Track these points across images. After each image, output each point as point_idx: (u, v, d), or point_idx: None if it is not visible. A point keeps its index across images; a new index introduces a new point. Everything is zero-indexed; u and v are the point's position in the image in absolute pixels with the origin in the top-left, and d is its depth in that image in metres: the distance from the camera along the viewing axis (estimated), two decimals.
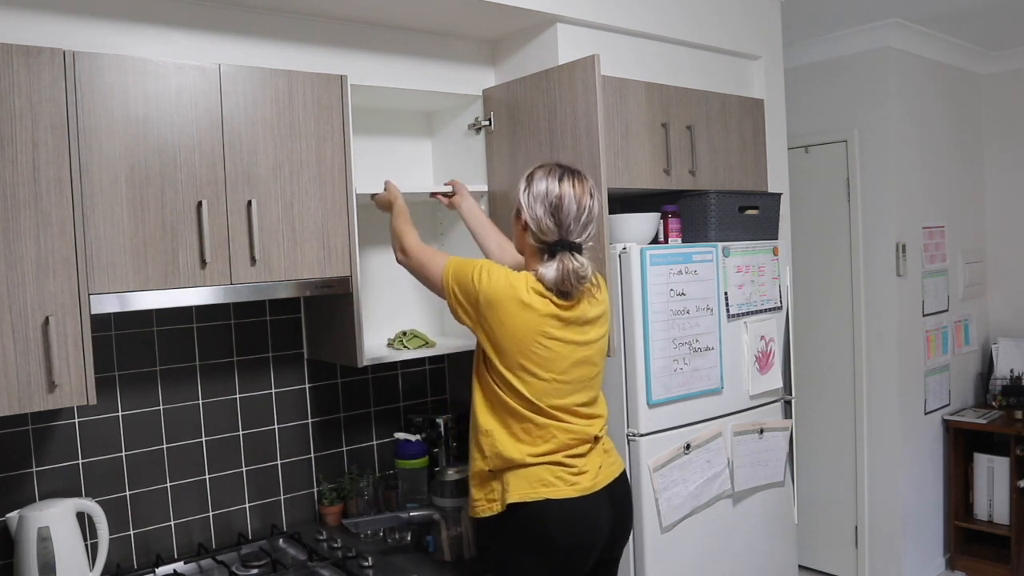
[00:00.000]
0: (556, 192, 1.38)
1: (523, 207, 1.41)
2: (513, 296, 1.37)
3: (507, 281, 1.38)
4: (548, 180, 1.40)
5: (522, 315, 1.37)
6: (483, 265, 1.41)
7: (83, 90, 1.34)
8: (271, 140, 1.54)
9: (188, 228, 1.44)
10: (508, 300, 1.37)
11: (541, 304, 1.38)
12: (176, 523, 1.72)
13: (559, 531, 1.37)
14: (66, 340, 1.31)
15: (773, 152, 2.31)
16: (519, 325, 1.37)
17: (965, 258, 3.21)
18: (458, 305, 1.43)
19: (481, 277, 1.39)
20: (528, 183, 1.43)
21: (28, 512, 1.44)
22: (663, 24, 2.05)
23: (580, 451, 1.43)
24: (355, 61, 1.80)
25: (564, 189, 1.38)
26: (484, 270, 1.40)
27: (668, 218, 1.96)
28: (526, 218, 1.41)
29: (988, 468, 2.97)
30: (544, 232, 1.39)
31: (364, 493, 1.90)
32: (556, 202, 1.37)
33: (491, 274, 1.39)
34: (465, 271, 1.41)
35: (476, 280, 1.39)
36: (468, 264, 1.43)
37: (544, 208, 1.38)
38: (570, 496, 1.39)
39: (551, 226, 1.38)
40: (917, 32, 2.87)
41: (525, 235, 1.43)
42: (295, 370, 1.90)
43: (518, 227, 1.46)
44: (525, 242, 1.45)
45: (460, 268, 1.43)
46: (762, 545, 2.04)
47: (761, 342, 2.03)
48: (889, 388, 2.88)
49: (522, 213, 1.42)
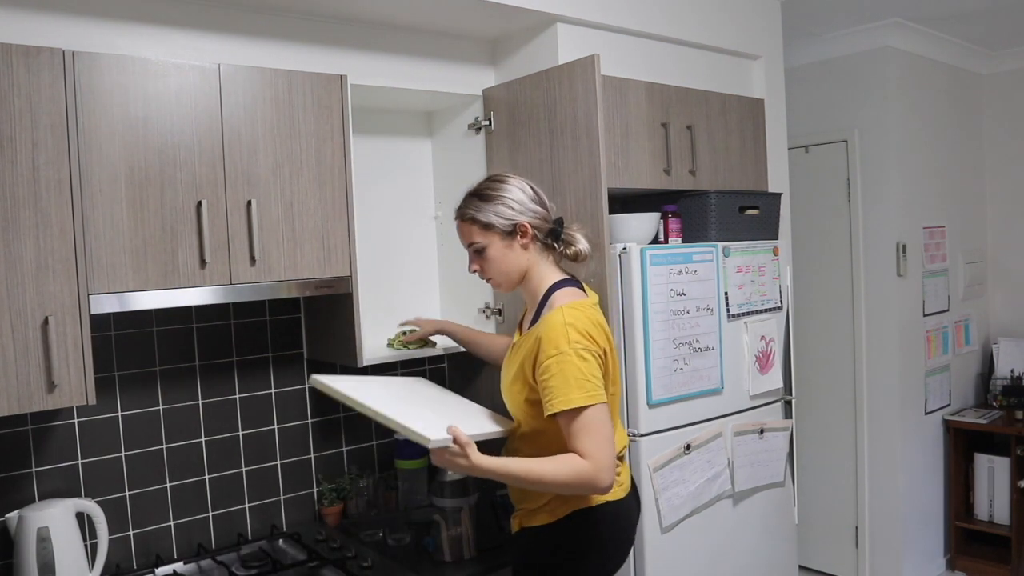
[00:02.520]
0: (526, 186, 1.42)
1: (518, 217, 1.38)
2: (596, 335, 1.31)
3: (587, 331, 1.29)
4: (512, 184, 1.41)
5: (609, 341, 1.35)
6: (573, 352, 1.25)
7: (83, 90, 1.34)
8: (271, 140, 1.54)
9: (188, 228, 1.44)
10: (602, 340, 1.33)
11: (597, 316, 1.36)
12: (176, 523, 1.71)
13: (618, 532, 1.39)
14: (65, 340, 1.31)
15: (773, 152, 2.30)
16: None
17: (965, 258, 3.21)
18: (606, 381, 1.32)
19: (587, 356, 1.26)
20: (497, 201, 1.38)
21: (27, 512, 1.44)
22: (663, 24, 2.05)
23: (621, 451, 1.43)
24: (355, 61, 1.80)
25: (524, 182, 1.44)
26: (581, 351, 1.25)
27: (668, 218, 1.96)
28: (527, 221, 1.39)
29: (988, 468, 2.97)
30: (546, 219, 1.42)
31: (364, 493, 1.90)
32: (533, 194, 1.42)
33: (584, 351, 1.26)
34: (587, 377, 1.25)
35: (592, 362, 1.27)
36: (589, 369, 1.26)
37: (533, 200, 1.41)
38: (621, 497, 1.40)
39: (545, 211, 1.43)
40: (918, 32, 2.87)
41: (532, 244, 1.40)
42: (295, 370, 1.90)
43: (515, 247, 1.39)
44: (530, 255, 1.40)
45: (593, 377, 1.26)
46: (762, 545, 2.04)
47: (761, 342, 2.03)
48: (889, 388, 2.87)
49: (522, 223, 1.38)
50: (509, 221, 1.38)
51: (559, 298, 1.36)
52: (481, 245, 1.41)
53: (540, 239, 1.41)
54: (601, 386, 1.27)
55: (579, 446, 1.24)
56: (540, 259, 1.42)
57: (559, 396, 1.24)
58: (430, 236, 2.13)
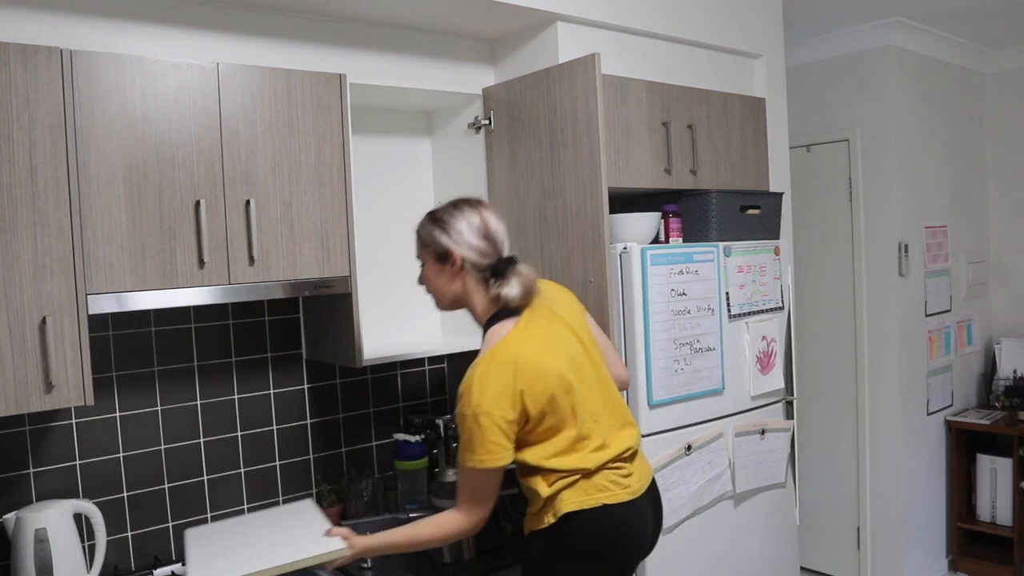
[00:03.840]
0: (478, 219, 1.38)
1: (451, 246, 1.38)
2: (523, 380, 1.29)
3: (502, 384, 1.28)
4: (464, 213, 1.39)
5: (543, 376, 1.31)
6: (477, 414, 1.28)
7: (80, 89, 1.33)
8: (270, 139, 1.53)
9: (186, 228, 1.44)
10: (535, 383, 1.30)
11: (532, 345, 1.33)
12: (174, 524, 1.71)
13: (616, 536, 1.36)
14: (63, 340, 1.31)
15: (774, 151, 2.30)
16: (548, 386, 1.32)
17: (968, 258, 3.20)
18: (514, 439, 1.32)
19: (492, 414, 1.27)
20: (442, 225, 1.39)
21: (25, 513, 1.43)
22: (664, 23, 2.04)
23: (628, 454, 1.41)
24: (354, 60, 1.80)
25: (483, 214, 1.39)
26: (482, 412, 1.27)
27: (669, 218, 1.95)
28: (461, 254, 1.37)
29: (991, 469, 2.96)
30: (485, 255, 1.38)
31: (363, 494, 1.89)
32: (483, 226, 1.38)
33: (492, 399, 1.27)
34: (480, 442, 1.28)
35: (497, 422, 1.28)
36: (482, 435, 1.29)
37: (475, 234, 1.37)
38: (624, 500, 1.37)
39: (489, 249, 1.38)
40: (920, 31, 2.86)
41: (462, 275, 1.39)
42: (294, 370, 1.89)
43: (447, 273, 1.40)
44: (463, 283, 1.40)
45: (489, 443, 1.29)
46: (764, 547, 2.03)
47: (762, 342, 2.02)
48: (891, 389, 2.86)
49: (453, 253, 1.38)
50: (443, 247, 1.39)
51: (488, 340, 1.38)
52: (421, 261, 1.46)
53: (476, 272, 1.39)
54: (496, 450, 1.30)
55: (460, 496, 1.36)
56: (476, 290, 1.40)
57: (458, 453, 1.34)
58: None
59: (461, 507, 1.35)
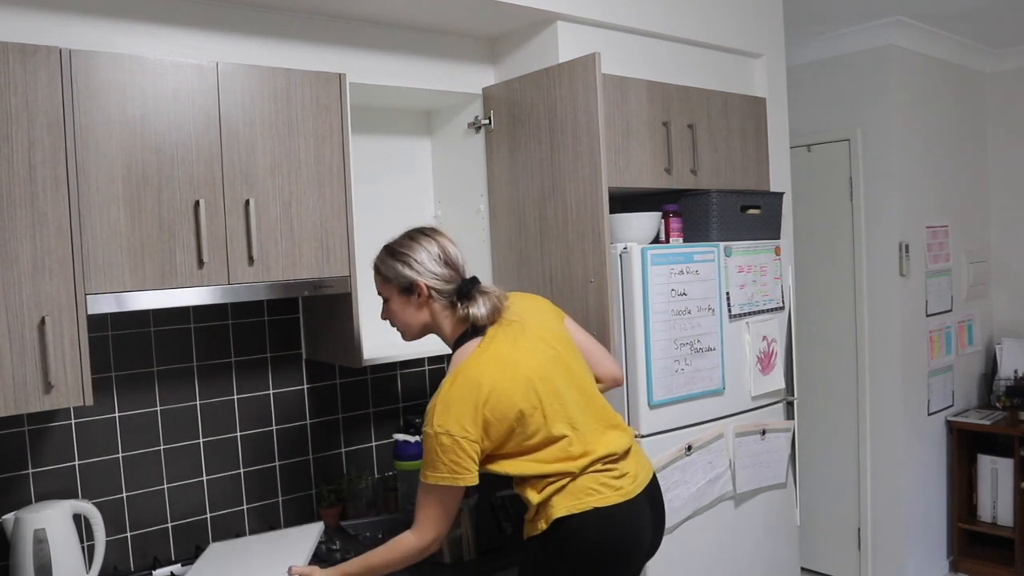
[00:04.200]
0: (436, 247, 1.43)
1: (415, 276, 1.41)
2: (487, 395, 1.30)
3: (465, 400, 1.29)
4: (421, 243, 1.43)
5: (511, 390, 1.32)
6: (443, 433, 1.29)
7: (79, 88, 1.33)
8: (269, 139, 1.53)
9: (185, 228, 1.43)
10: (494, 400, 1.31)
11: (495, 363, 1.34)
12: (173, 525, 1.71)
13: (609, 540, 1.35)
14: (62, 341, 1.31)
15: (775, 151, 2.29)
16: (515, 400, 1.32)
17: (969, 258, 3.19)
18: (480, 460, 1.33)
19: (457, 436, 1.28)
20: (402, 258, 1.42)
21: (24, 514, 1.43)
22: (664, 22, 2.04)
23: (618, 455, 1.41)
24: (354, 59, 1.79)
25: (439, 241, 1.44)
26: (448, 434, 1.28)
27: (669, 217, 1.95)
28: (426, 282, 1.41)
29: (992, 469, 2.96)
30: (448, 281, 1.42)
31: (363, 495, 1.89)
32: (441, 253, 1.42)
33: (454, 418, 1.29)
34: (440, 460, 1.29)
35: (460, 441, 1.29)
36: (443, 455, 1.29)
37: (436, 262, 1.41)
38: (616, 502, 1.36)
39: (451, 274, 1.42)
40: (921, 30, 2.86)
41: (429, 303, 1.42)
42: (293, 371, 1.89)
43: (414, 303, 1.42)
44: (431, 311, 1.43)
45: (451, 463, 1.29)
46: (764, 547, 2.03)
47: (763, 342, 2.01)
48: (892, 389, 2.86)
49: (418, 283, 1.41)
50: (407, 279, 1.42)
51: (453, 362, 1.40)
52: (384, 296, 1.48)
53: (442, 298, 1.42)
54: (457, 470, 1.30)
55: (417, 515, 1.36)
56: (442, 315, 1.43)
57: (423, 469, 1.34)
58: None
59: (415, 527, 1.35)
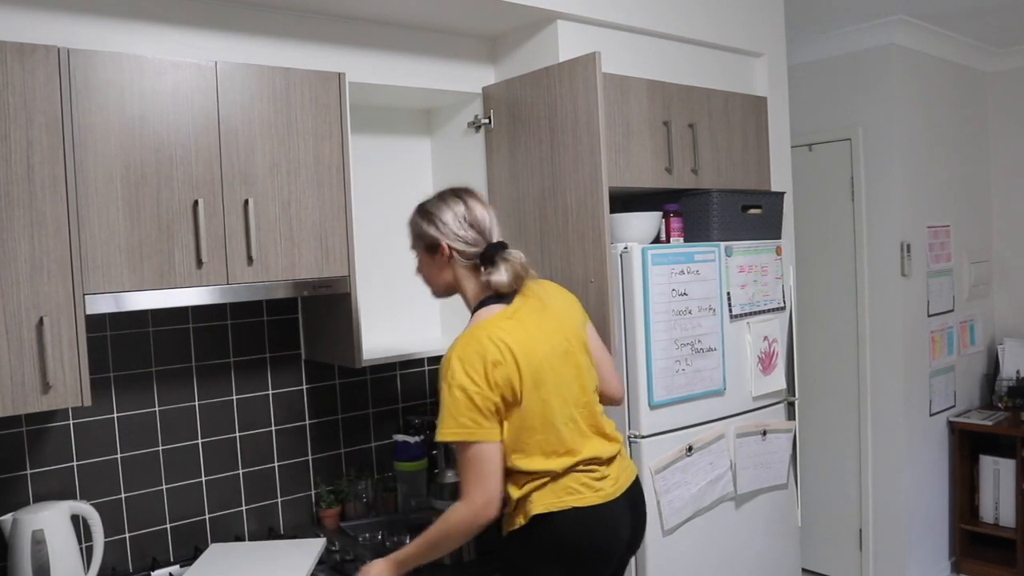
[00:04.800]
0: (463, 209, 1.41)
1: (439, 237, 1.41)
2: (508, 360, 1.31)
3: (483, 360, 1.29)
4: (449, 203, 1.42)
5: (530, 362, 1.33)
6: (460, 387, 1.28)
7: (78, 88, 1.32)
8: (268, 139, 1.53)
9: (184, 228, 1.43)
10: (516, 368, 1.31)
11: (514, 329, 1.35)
12: (172, 526, 1.70)
13: (586, 539, 1.36)
14: (60, 341, 1.30)
15: (776, 150, 2.29)
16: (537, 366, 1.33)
17: (970, 258, 3.19)
18: (504, 412, 1.33)
19: (476, 385, 1.28)
20: (429, 217, 1.42)
21: (22, 515, 1.42)
22: (665, 21, 2.03)
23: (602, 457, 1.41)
24: (353, 59, 1.79)
25: (468, 202, 1.42)
26: (465, 389, 1.28)
27: (670, 217, 1.94)
28: (448, 243, 1.40)
29: (994, 470, 2.95)
30: (473, 244, 1.41)
31: (362, 496, 1.88)
32: (469, 216, 1.41)
33: (473, 376, 1.28)
34: (454, 414, 1.28)
35: (486, 393, 1.28)
36: (455, 407, 1.29)
37: (460, 223, 1.40)
38: (594, 503, 1.37)
39: (476, 236, 1.41)
40: (922, 29, 2.85)
41: (452, 264, 1.42)
42: (292, 371, 1.88)
43: (438, 263, 1.43)
44: (454, 271, 1.43)
45: (468, 417, 1.29)
46: (765, 548, 2.02)
47: (764, 343, 2.01)
48: (894, 389, 2.85)
49: (440, 243, 1.41)
50: (431, 238, 1.42)
51: (473, 320, 1.41)
52: (415, 253, 1.49)
53: (464, 260, 1.41)
54: (477, 423, 1.29)
55: (461, 483, 1.33)
56: (466, 277, 1.43)
57: (439, 427, 1.32)
58: None
59: (461, 493, 1.32)
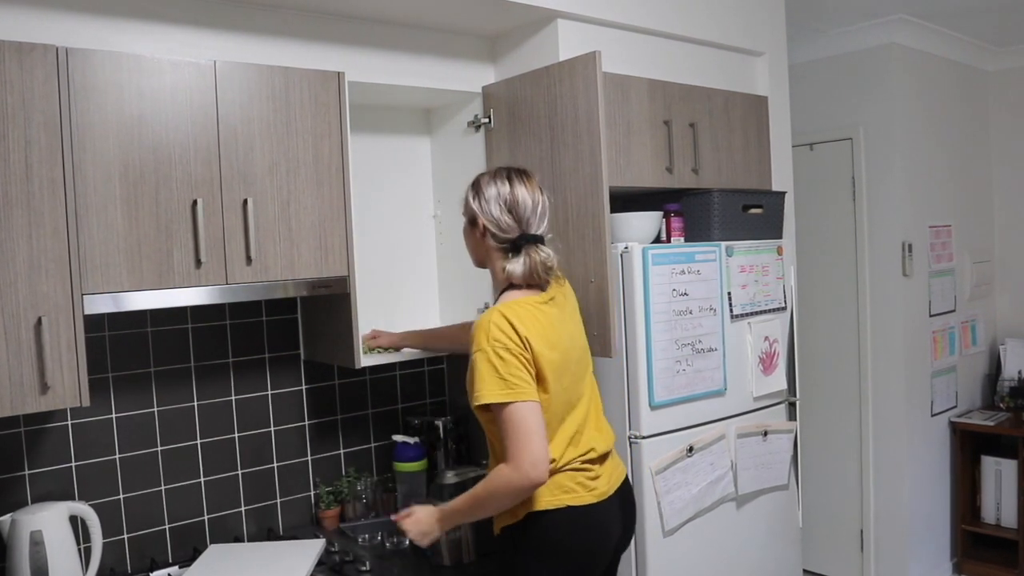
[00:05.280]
0: (508, 191, 1.42)
1: (478, 213, 1.43)
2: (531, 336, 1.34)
3: (512, 329, 1.32)
4: (497, 183, 1.44)
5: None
6: (497, 354, 1.30)
7: (76, 87, 1.32)
8: (267, 138, 1.52)
9: (183, 227, 1.42)
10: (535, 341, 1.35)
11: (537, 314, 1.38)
12: (171, 527, 1.70)
13: (579, 538, 1.37)
14: (59, 341, 1.30)
15: (777, 150, 2.28)
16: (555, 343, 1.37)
17: (972, 258, 3.18)
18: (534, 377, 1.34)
19: (512, 353, 1.30)
20: (476, 191, 1.45)
21: (20, 516, 1.42)
22: (665, 20, 2.03)
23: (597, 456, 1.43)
24: (353, 57, 1.78)
25: (515, 187, 1.43)
26: (502, 356, 1.30)
27: (670, 217, 1.94)
28: (484, 222, 1.43)
29: (996, 471, 2.94)
30: (505, 230, 1.42)
31: (362, 496, 1.88)
32: (511, 199, 1.42)
33: (511, 348, 1.31)
34: (502, 375, 1.29)
35: (514, 362, 1.30)
36: (505, 367, 1.30)
37: (500, 207, 1.42)
38: (589, 503, 1.38)
39: (510, 223, 1.42)
40: (924, 28, 2.84)
41: (485, 240, 1.45)
42: (291, 371, 1.88)
43: (474, 236, 1.46)
44: (487, 248, 1.45)
45: (510, 375, 1.30)
46: (766, 549, 2.01)
47: (765, 343, 2.00)
48: (895, 389, 2.84)
49: (478, 219, 1.43)
50: (472, 211, 1.45)
51: (504, 297, 1.42)
52: (463, 220, 1.52)
53: (495, 242, 1.43)
54: (521, 384, 1.30)
55: (504, 446, 1.30)
56: (496, 258, 1.44)
57: (480, 391, 1.31)
58: (429, 235, 2.11)
59: (506, 456, 1.29)
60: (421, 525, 1.41)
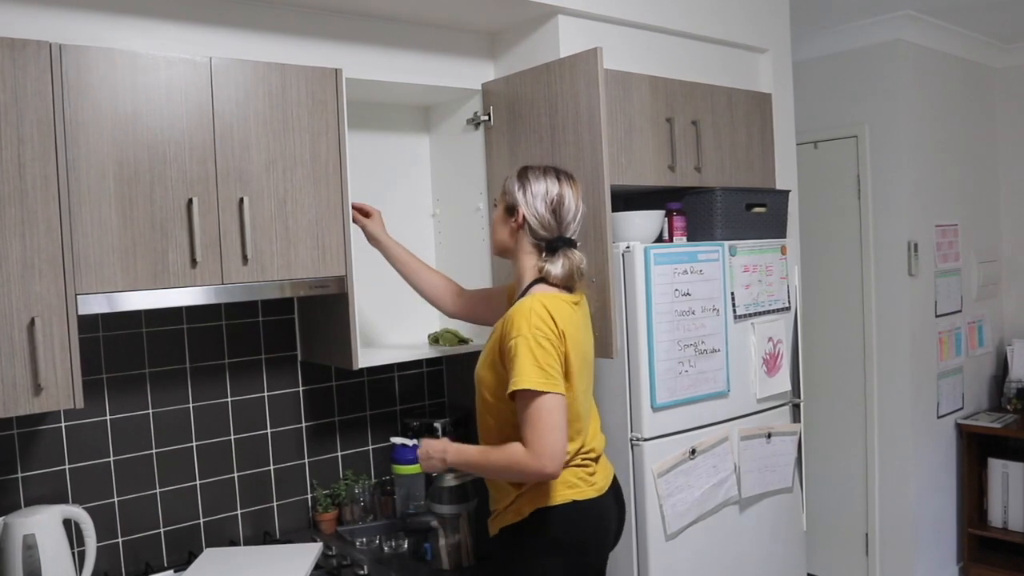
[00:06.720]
0: (557, 191, 1.43)
1: (521, 204, 1.43)
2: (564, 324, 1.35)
3: (549, 320, 1.33)
4: (547, 180, 1.44)
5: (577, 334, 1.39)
6: (535, 343, 1.30)
7: (70, 84, 1.30)
8: (264, 136, 1.50)
9: (178, 226, 1.41)
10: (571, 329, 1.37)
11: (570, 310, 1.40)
12: (166, 530, 1.68)
13: (584, 531, 1.39)
14: (52, 342, 1.28)
15: (781, 148, 2.26)
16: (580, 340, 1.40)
17: (979, 257, 3.15)
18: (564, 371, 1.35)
19: (550, 342, 1.31)
20: (523, 182, 1.45)
21: (13, 519, 1.40)
22: (668, 16, 2.01)
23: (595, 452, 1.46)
24: (350, 54, 1.76)
25: (564, 189, 1.44)
26: (541, 344, 1.30)
27: (673, 216, 1.92)
28: (525, 214, 1.43)
29: (1003, 474, 2.91)
30: (546, 228, 1.43)
31: (360, 499, 1.86)
32: (557, 200, 1.43)
33: (549, 337, 1.31)
34: (542, 364, 1.29)
35: (550, 352, 1.31)
36: (545, 356, 1.30)
37: (545, 205, 1.42)
38: (592, 496, 1.40)
39: (552, 223, 1.43)
40: (930, 24, 2.81)
41: (519, 233, 1.45)
42: (288, 372, 1.86)
43: (508, 225, 1.46)
44: (517, 240, 1.45)
45: (547, 365, 1.30)
46: (770, 553, 1.99)
47: (769, 344, 1.98)
48: (901, 391, 2.82)
49: (519, 210, 1.43)
50: (515, 200, 1.44)
51: (537, 289, 1.43)
52: (495, 204, 1.52)
53: (532, 237, 1.44)
54: (556, 376, 1.31)
55: (523, 433, 1.30)
56: (526, 251, 1.45)
57: (517, 376, 1.30)
58: (428, 234, 2.09)
59: (525, 443, 1.30)
60: (430, 447, 1.46)
